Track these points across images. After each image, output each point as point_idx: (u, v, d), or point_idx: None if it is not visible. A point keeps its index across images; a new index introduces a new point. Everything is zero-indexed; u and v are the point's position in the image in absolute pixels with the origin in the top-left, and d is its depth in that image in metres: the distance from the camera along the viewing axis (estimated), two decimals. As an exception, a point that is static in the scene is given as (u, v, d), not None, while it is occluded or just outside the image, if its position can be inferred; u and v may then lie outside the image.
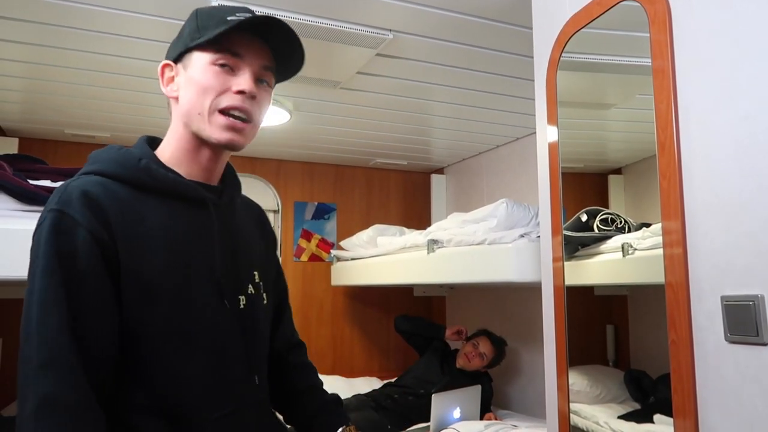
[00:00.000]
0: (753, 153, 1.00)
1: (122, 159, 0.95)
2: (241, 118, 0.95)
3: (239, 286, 1.02)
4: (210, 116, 0.95)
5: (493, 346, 2.98)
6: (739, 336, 1.00)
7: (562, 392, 1.47)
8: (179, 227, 0.95)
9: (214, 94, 0.94)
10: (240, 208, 1.11)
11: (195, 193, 0.98)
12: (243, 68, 0.95)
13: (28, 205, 1.64)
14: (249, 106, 0.95)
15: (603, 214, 1.69)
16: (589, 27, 1.41)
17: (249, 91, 0.94)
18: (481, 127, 3.17)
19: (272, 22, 0.95)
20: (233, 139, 0.96)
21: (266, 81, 0.99)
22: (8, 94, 2.65)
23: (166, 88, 1.03)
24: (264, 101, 0.99)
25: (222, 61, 0.95)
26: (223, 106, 0.94)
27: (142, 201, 0.92)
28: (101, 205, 0.87)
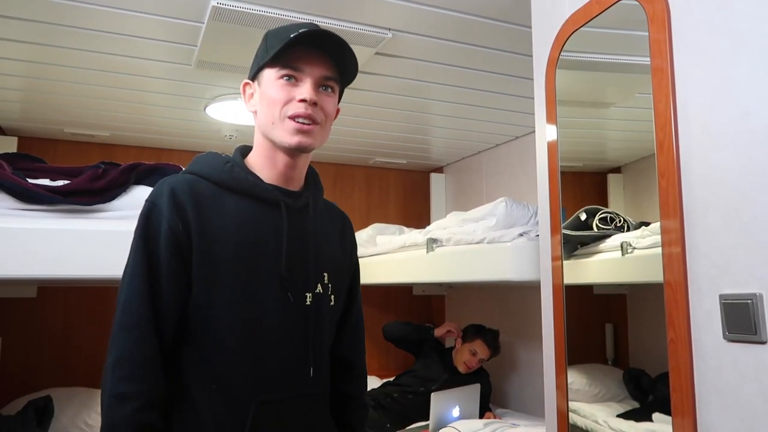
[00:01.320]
0: (752, 152, 1.01)
1: (213, 162, 1.12)
2: (306, 122, 1.07)
3: (307, 283, 1.11)
4: (281, 123, 1.07)
5: (489, 348, 2.98)
6: (737, 335, 1.00)
7: (561, 391, 1.47)
8: (252, 223, 1.07)
9: (282, 104, 1.07)
10: (322, 212, 1.21)
11: (268, 195, 1.10)
12: (304, 79, 1.07)
13: (28, 204, 1.64)
14: (312, 111, 1.07)
15: (602, 212, 1.69)
16: (588, 26, 1.41)
17: (309, 99, 1.05)
18: (480, 126, 3.17)
19: (323, 34, 1.06)
20: (301, 141, 1.07)
21: (330, 87, 1.11)
22: (8, 93, 2.65)
23: (248, 104, 1.16)
24: (328, 105, 1.10)
25: (286, 75, 1.07)
26: (290, 114, 1.06)
27: (223, 198, 1.07)
28: (182, 202, 1.03)
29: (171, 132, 3.27)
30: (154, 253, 1.01)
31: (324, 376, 1.17)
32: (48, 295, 3.09)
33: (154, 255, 1.01)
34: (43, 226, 1.60)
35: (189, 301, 1.04)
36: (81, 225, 1.65)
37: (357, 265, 1.34)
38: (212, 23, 1.91)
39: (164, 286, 1.01)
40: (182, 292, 1.03)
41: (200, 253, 1.03)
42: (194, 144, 3.52)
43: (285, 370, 1.08)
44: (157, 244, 1.01)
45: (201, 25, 1.96)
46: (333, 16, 1.93)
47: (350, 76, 1.15)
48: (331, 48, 1.09)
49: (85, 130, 3.19)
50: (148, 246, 1.02)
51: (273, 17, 1.88)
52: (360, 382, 1.33)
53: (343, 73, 1.13)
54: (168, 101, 2.76)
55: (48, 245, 1.58)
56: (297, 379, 1.09)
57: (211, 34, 1.99)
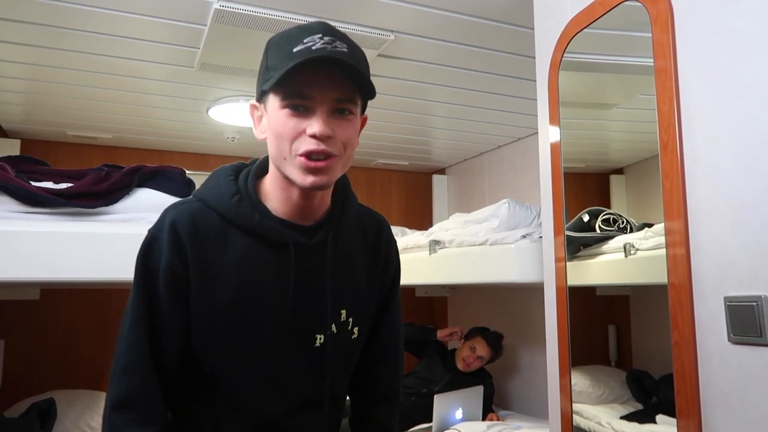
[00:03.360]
0: (756, 153, 1.00)
1: (222, 191, 1.00)
2: (321, 158, 0.91)
3: (318, 325, 1.02)
4: (292, 160, 0.92)
5: (489, 347, 2.98)
6: (742, 337, 1.00)
7: (564, 393, 1.46)
8: (255, 265, 0.98)
9: (290, 139, 0.91)
10: (350, 230, 1.09)
11: (275, 235, 0.98)
12: (314, 108, 0.90)
13: (30, 207, 1.64)
14: (327, 146, 0.91)
15: (605, 214, 1.68)
16: (591, 27, 1.41)
17: (320, 134, 0.89)
18: (482, 127, 3.17)
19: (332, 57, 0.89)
20: (315, 182, 0.92)
21: (347, 110, 0.94)
22: (10, 95, 2.65)
23: (256, 130, 1.01)
24: (346, 132, 0.94)
25: (292, 104, 0.91)
26: (301, 151, 0.91)
27: (228, 234, 0.98)
28: (183, 239, 0.95)
29: (173, 134, 3.28)
30: (154, 292, 0.96)
31: (337, 410, 1.11)
32: (51, 298, 3.09)
33: (154, 294, 0.96)
34: (46, 228, 1.60)
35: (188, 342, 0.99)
36: (84, 228, 1.65)
37: (395, 278, 1.21)
38: (215, 26, 1.91)
39: (166, 326, 0.96)
40: (184, 331, 0.98)
41: (198, 296, 0.96)
42: (196, 146, 3.53)
43: (288, 412, 1.02)
44: (156, 283, 0.96)
45: (203, 27, 1.96)
46: (335, 18, 1.93)
47: (370, 92, 0.96)
48: (345, 66, 0.91)
49: (87, 133, 3.20)
50: (148, 284, 0.96)
51: (275, 19, 1.89)
52: (391, 406, 1.21)
53: (361, 89, 0.95)
54: (170, 103, 2.77)
55: (51, 248, 1.58)
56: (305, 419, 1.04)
57: (213, 36, 2.00)
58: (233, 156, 3.67)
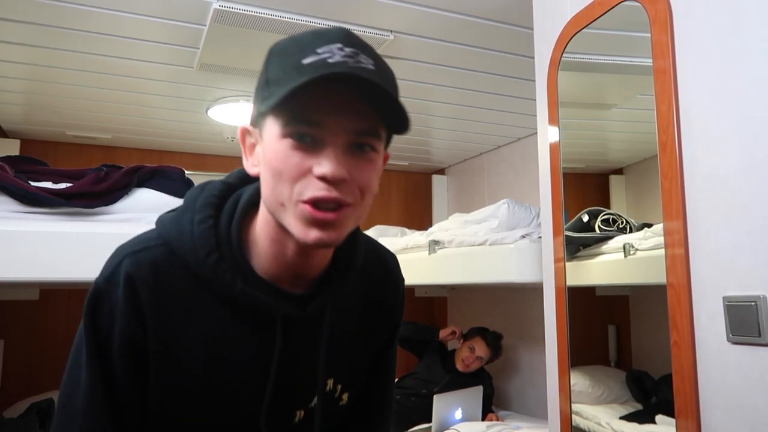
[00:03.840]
0: (755, 153, 1.00)
1: (195, 244, 0.75)
2: (331, 207, 0.68)
3: (299, 402, 0.82)
4: (293, 208, 0.68)
5: (488, 347, 2.98)
6: (741, 337, 1.00)
7: (563, 393, 1.46)
8: (231, 341, 0.76)
9: (292, 180, 0.67)
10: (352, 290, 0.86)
11: (260, 308, 0.76)
12: (326, 141, 0.67)
13: (30, 207, 1.64)
14: (339, 193, 0.67)
15: (604, 214, 1.68)
16: (590, 27, 1.41)
17: (333, 177, 0.66)
18: (482, 127, 3.17)
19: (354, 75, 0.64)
20: (321, 239, 0.68)
21: (368, 145, 0.69)
22: (10, 95, 2.65)
23: (247, 162, 0.76)
24: (365, 175, 0.69)
25: (297, 133, 0.67)
26: (305, 198, 0.67)
27: (199, 297, 0.75)
28: (142, 300, 0.73)
29: (173, 134, 3.28)
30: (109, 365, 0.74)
31: None
32: (50, 298, 3.09)
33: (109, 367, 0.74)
34: (45, 228, 1.60)
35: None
36: (83, 228, 1.65)
37: (395, 328, 0.98)
38: (214, 26, 1.91)
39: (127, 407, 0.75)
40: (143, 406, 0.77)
41: (157, 371, 0.74)
42: (196, 146, 3.53)
43: None
44: (110, 352, 0.74)
45: (203, 27, 1.96)
46: (334, 18, 1.93)
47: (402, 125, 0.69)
48: (371, 87, 0.66)
49: (87, 133, 3.20)
50: (101, 353, 0.74)
51: (275, 20, 1.89)
52: None
53: (389, 119, 0.70)
54: (170, 104, 2.77)
55: (50, 248, 1.58)
56: None
57: (212, 36, 2.00)
58: (232, 156, 3.68)
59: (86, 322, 0.75)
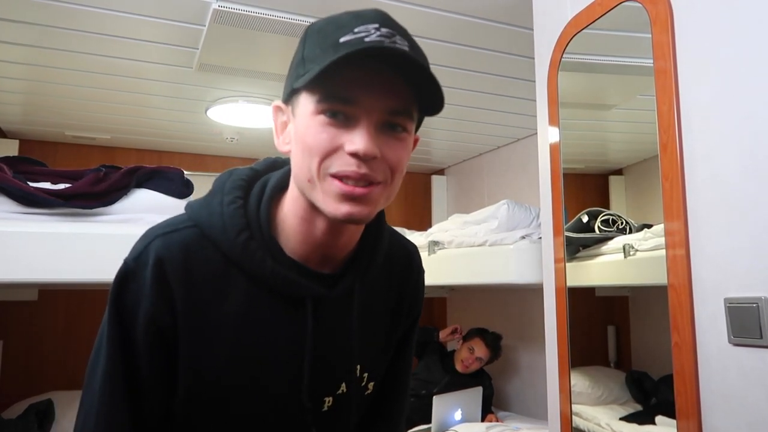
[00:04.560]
0: (756, 153, 1.00)
1: (225, 224, 0.76)
2: (361, 184, 0.69)
3: (328, 388, 0.83)
4: (321, 183, 0.70)
5: (488, 348, 2.98)
6: (742, 338, 1.00)
7: (563, 394, 1.46)
8: (263, 321, 0.77)
9: (322, 155, 0.69)
10: (376, 277, 0.88)
11: (290, 289, 0.77)
12: (359, 117, 0.68)
13: (29, 208, 1.64)
14: (369, 170, 0.69)
15: (604, 215, 1.68)
16: (590, 28, 1.40)
17: (364, 153, 0.67)
18: (481, 128, 3.16)
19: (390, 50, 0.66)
20: (352, 213, 0.69)
21: (401, 126, 0.71)
22: (9, 96, 2.65)
23: (278, 140, 0.78)
24: (396, 155, 0.71)
25: (330, 109, 0.68)
26: (334, 171, 0.69)
27: (230, 277, 0.76)
28: (171, 284, 0.73)
29: (172, 135, 3.27)
30: (132, 347, 0.74)
31: None
32: (49, 299, 3.09)
33: (133, 349, 0.74)
34: (44, 229, 1.60)
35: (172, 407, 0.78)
36: (82, 228, 1.64)
37: (415, 321, 0.99)
38: (213, 26, 1.91)
39: (148, 391, 0.75)
40: (166, 397, 0.77)
41: (186, 354, 0.75)
42: (195, 146, 3.52)
43: None
44: (134, 334, 0.74)
45: (202, 27, 1.96)
46: (334, 18, 1.92)
47: (437, 105, 0.71)
48: (410, 65, 0.68)
49: (86, 133, 3.19)
50: (124, 335, 0.74)
51: (274, 20, 1.88)
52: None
53: (424, 99, 0.72)
54: (169, 104, 2.76)
55: (49, 249, 1.58)
56: None
57: (212, 36, 1.99)
58: (232, 157, 3.67)
59: (111, 301, 0.75)
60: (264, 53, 2.15)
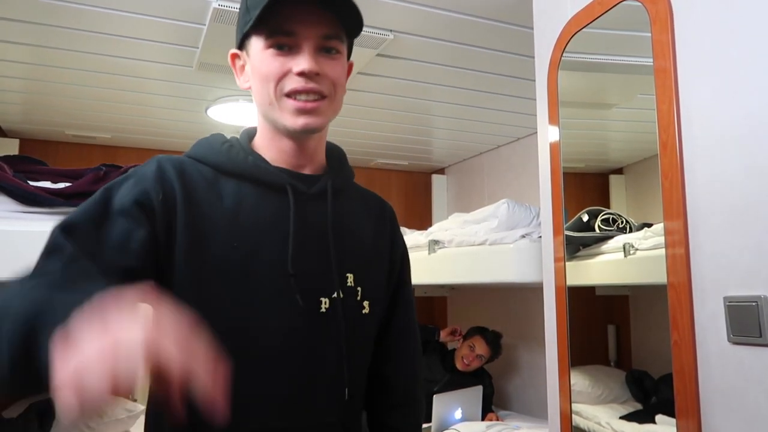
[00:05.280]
0: (756, 152, 1.00)
1: (211, 143, 0.93)
2: (310, 98, 0.86)
3: (322, 286, 0.90)
4: (279, 103, 0.86)
5: (488, 345, 2.98)
6: (742, 337, 1.00)
7: (563, 393, 1.46)
8: (252, 210, 0.87)
9: (276, 79, 0.85)
10: (352, 200, 1.01)
11: (271, 177, 0.90)
12: (300, 45, 0.85)
13: (28, 207, 1.64)
14: (316, 84, 0.85)
15: (604, 214, 1.68)
16: (590, 27, 1.40)
17: (308, 71, 0.84)
18: (481, 127, 3.16)
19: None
20: (307, 123, 0.86)
21: (334, 48, 0.87)
22: (9, 95, 2.65)
23: (239, 79, 0.95)
24: (334, 71, 0.87)
25: (275, 43, 0.85)
26: (287, 90, 0.85)
27: (219, 184, 0.88)
28: (171, 178, 0.84)
29: (172, 134, 3.28)
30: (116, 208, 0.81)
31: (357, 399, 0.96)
32: (49, 298, 3.09)
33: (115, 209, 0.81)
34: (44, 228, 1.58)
35: None
36: (82, 227, 1.64)
37: (403, 263, 1.09)
38: (213, 25, 1.91)
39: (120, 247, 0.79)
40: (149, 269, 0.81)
41: (185, 242, 0.82)
42: (195, 146, 3.53)
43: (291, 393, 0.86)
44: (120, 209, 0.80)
45: (202, 27, 1.96)
46: (334, 17, 1.92)
47: (356, 26, 0.89)
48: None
49: (86, 132, 3.20)
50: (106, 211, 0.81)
51: (274, 19, 1.88)
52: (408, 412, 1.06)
53: (347, 24, 0.88)
54: (169, 103, 2.76)
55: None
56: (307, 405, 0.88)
57: (212, 36, 1.99)
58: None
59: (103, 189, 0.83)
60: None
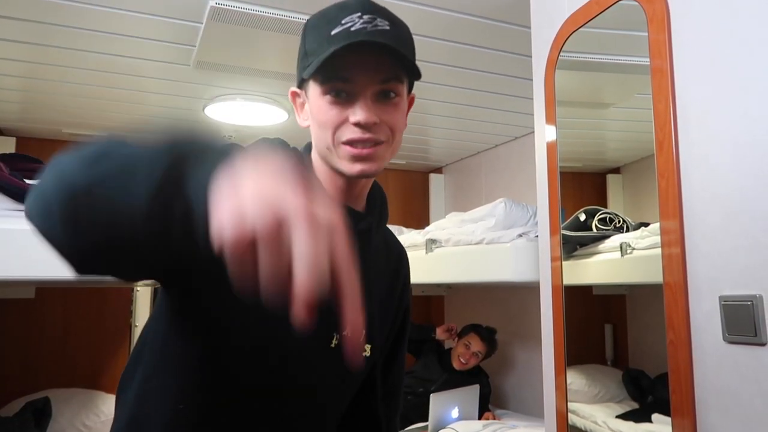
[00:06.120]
0: (752, 152, 1.00)
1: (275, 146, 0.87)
2: (367, 145, 0.85)
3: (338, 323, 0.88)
4: (336, 149, 0.85)
5: (483, 342, 2.99)
6: (737, 336, 1.00)
7: (560, 392, 1.46)
8: None
9: (333, 128, 0.84)
10: (379, 242, 1.00)
11: None
12: (357, 92, 0.83)
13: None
14: (372, 134, 0.84)
15: (601, 213, 1.68)
16: (587, 26, 1.40)
17: (365, 122, 0.82)
18: (479, 126, 3.17)
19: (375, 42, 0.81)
20: (364, 170, 0.85)
21: (392, 91, 0.86)
22: (6, 93, 2.64)
23: (299, 118, 0.94)
24: (393, 117, 0.86)
25: (333, 90, 0.84)
26: (345, 140, 0.84)
27: None
28: None
29: (170, 132, 3.27)
30: None
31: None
32: (46, 296, 3.08)
33: None
34: (40, 227, 1.59)
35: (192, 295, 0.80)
36: (79, 226, 1.64)
37: (407, 313, 1.10)
38: (211, 23, 1.91)
39: None
40: None
41: None
42: (193, 144, 3.52)
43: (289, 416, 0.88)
44: None
45: (199, 25, 1.96)
46: (332, 16, 1.92)
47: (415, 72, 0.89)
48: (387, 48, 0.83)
49: (83, 131, 3.19)
50: None
51: (271, 18, 1.88)
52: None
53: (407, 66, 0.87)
54: (166, 101, 2.76)
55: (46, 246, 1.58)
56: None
57: (209, 34, 1.99)
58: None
59: None
60: (261, 51, 2.15)
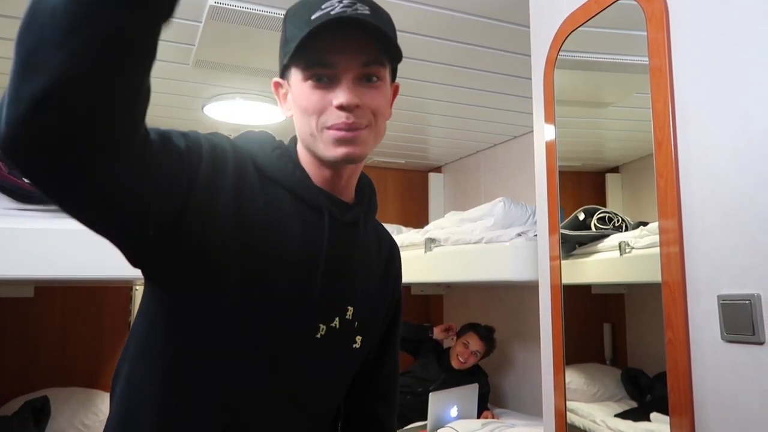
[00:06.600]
0: (750, 151, 1.00)
1: (262, 142, 0.89)
2: (350, 129, 0.82)
3: (325, 313, 0.88)
4: (320, 135, 0.83)
5: (482, 340, 2.99)
6: (735, 335, 1.00)
7: (559, 390, 1.47)
8: (283, 222, 0.84)
9: (316, 113, 0.82)
10: (369, 234, 0.98)
11: (313, 197, 0.87)
12: (338, 77, 0.82)
13: (24, 204, 1.64)
14: (356, 117, 0.82)
15: (600, 212, 1.69)
16: (586, 25, 1.41)
17: (347, 104, 0.80)
18: (478, 125, 3.17)
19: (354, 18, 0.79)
20: (348, 153, 0.83)
21: (375, 76, 0.84)
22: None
23: (282, 108, 0.92)
24: (375, 100, 0.84)
25: (314, 75, 0.82)
26: (329, 124, 0.82)
27: (264, 186, 0.84)
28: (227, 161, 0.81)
29: (169, 131, 3.27)
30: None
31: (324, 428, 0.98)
32: (45, 295, 3.08)
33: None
34: (39, 225, 1.59)
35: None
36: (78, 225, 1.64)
37: (399, 305, 1.09)
38: (210, 22, 1.91)
39: None
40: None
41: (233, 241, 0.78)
42: (192, 143, 3.52)
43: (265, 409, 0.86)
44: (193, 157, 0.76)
45: (199, 24, 1.96)
46: (331, 15, 1.92)
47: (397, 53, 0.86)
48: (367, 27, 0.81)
49: (82, 130, 3.18)
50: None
51: (270, 17, 1.88)
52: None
53: (389, 50, 0.85)
54: (165, 101, 2.76)
55: (45, 245, 1.58)
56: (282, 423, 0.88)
57: (208, 33, 1.99)
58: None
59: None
60: (260, 50, 2.15)
